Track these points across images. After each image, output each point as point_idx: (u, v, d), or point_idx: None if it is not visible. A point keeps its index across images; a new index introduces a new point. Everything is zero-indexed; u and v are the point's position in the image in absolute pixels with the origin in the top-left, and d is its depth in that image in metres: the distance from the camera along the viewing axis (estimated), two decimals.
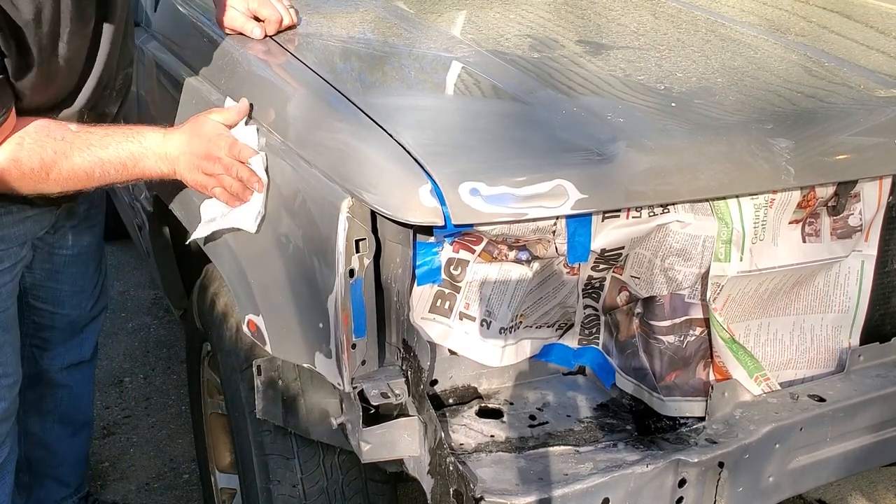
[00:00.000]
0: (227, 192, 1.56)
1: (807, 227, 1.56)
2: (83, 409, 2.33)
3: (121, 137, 1.57)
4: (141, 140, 1.58)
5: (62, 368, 2.21)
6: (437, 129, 1.50)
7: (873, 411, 1.60)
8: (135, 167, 1.57)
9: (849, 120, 1.59)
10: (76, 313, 2.16)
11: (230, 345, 1.81)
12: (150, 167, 1.58)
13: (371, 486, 1.77)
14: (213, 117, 1.59)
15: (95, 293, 2.19)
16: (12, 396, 1.89)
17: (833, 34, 2.13)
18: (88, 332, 2.24)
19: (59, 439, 2.27)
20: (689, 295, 1.51)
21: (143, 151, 1.57)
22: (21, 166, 1.52)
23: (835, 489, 2.56)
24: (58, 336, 2.16)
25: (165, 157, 1.58)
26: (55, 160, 1.53)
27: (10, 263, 1.78)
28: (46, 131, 1.55)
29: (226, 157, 1.54)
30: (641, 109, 1.56)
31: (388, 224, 1.36)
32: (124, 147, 1.56)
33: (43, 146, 1.53)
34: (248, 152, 1.55)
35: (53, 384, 2.21)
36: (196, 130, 1.58)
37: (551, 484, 1.35)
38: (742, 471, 1.47)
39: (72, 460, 2.34)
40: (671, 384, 1.52)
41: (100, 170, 1.55)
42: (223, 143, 1.55)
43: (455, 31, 1.98)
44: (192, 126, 1.59)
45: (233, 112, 1.60)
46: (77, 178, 1.56)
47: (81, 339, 2.22)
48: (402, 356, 1.44)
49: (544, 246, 1.41)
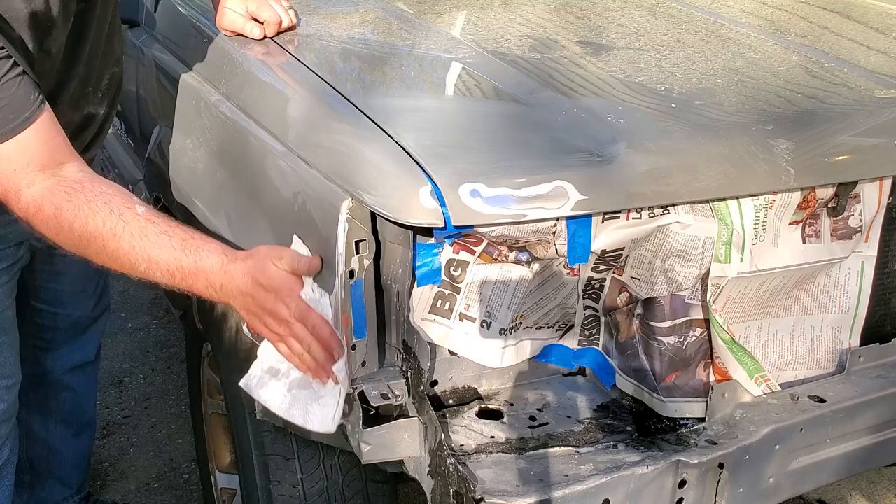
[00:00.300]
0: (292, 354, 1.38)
1: (807, 228, 1.56)
2: (86, 411, 2.33)
3: (178, 244, 1.37)
4: (197, 259, 1.37)
5: (67, 370, 2.21)
6: (437, 130, 1.50)
7: (873, 412, 1.60)
8: (182, 281, 1.38)
9: (849, 121, 1.59)
10: (78, 314, 2.16)
11: (230, 345, 1.81)
12: (200, 289, 1.39)
13: (371, 487, 1.77)
14: (281, 265, 1.37)
15: (97, 293, 2.19)
16: (12, 398, 1.89)
17: (833, 35, 2.13)
18: (92, 332, 2.24)
19: (61, 440, 2.27)
20: (689, 296, 1.51)
21: (196, 273, 1.37)
22: (59, 220, 1.37)
23: (835, 489, 2.56)
24: (61, 336, 2.16)
25: (219, 290, 1.37)
26: (101, 233, 1.36)
27: (6, 264, 1.78)
28: (107, 198, 1.38)
29: (296, 326, 1.35)
30: (642, 110, 1.56)
31: (389, 225, 1.36)
32: (177, 258, 1.37)
33: (94, 212, 1.36)
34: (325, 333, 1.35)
35: (58, 386, 2.21)
36: (261, 276, 1.36)
37: (551, 485, 1.35)
38: (742, 472, 1.47)
39: (74, 461, 2.34)
40: (671, 385, 1.52)
41: (146, 266, 1.37)
42: (293, 304, 1.35)
43: (455, 32, 1.98)
44: (256, 268, 1.36)
45: (304, 265, 1.38)
46: (119, 262, 1.39)
47: (85, 340, 2.22)
48: (403, 357, 1.44)
49: (544, 247, 1.41)
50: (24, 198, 1.38)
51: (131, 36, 2.31)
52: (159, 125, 2.11)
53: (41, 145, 1.39)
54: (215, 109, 1.76)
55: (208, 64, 1.88)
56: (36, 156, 1.39)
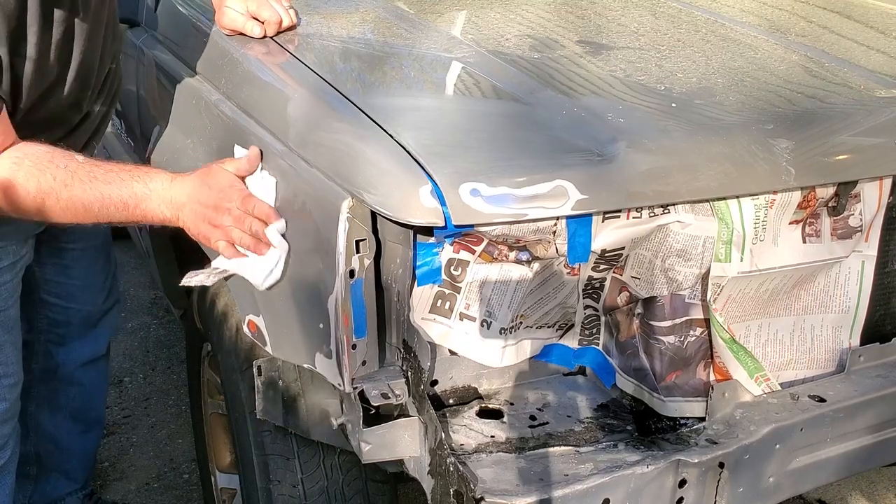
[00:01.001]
0: (232, 248, 1.51)
1: (807, 227, 1.56)
2: (95, 408, 2.34)
3: (126, 175, 1.51)
4: (147, 181, 1.51)
5: (79, 365, 2.22)
6: (437, 129, 1.50)
7: (873, 412, 1.60)
8: (136, 208, 1.51)
9: (849, 120, 1.59)
10: (89, 308, 2.17)
11: (230, 345, 1.81)
12: (153, 210, 1.51)
13: (371, 487, 1.77)
14: (225, 167, 1.53)
15: (106, 287, 2.21)
16: (13, 397, 1.89)
17: (833, 34, 2.13)
18: (103, 326, 2.25)
19: (69, 435, 2.27)
20: (689, 295, 1.51)
21: (147, 193, 1.50)
22: (16, 188, 1.46)
23: (835, 489, 2.56)
24: (73, 331, 2.17)
25: (170, 203, 1.51)
26: (53, 187, 1.47)
27: (9, 261, 1.78)
28: (50, 157, 1.49)
29: (236, 209, 1.48)
30: (642, 110, 1.56)
31: (389, 224, 1.36)
32: (128, 185, 1.50)
33: (43, 170, 1.47)
34: (263, 208, 1.48)
35: (68, 381, 2.22)
36: (206, 179, 1.51)
37: (551, 484, 1.35)
38: (742, 471, 1.47)
39: (80, 457, 2.34)
40: (671, 384, 1.52)
41: (99, 205, 1.49)
42: (235, 194, 1.49)
43: (455, 32, 1.98)
44: (202, 174, 1.52)
45: (244, 162, 1.53)
46: (75, 210, 1.49)
47: (97, 334, 2.24)
48: (403, 356, 1.44)
49: (545, 246, 1.41)
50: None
51: (131, 36, 2.31)
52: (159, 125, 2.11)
53: None
54: (215, 109, 1.76)
55: (208, 63, 1.88)
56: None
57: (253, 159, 1.53)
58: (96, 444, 2.40)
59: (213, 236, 1.51)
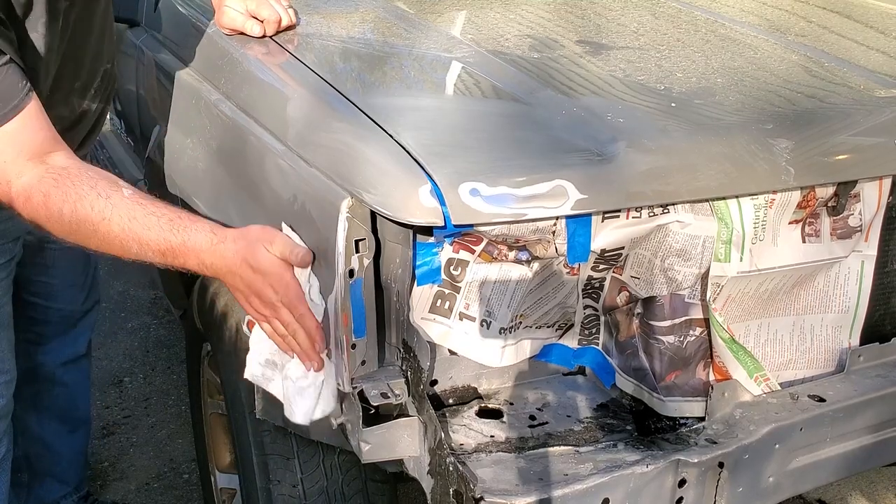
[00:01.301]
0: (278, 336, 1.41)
1: (807, 227, 1.56)
2: (81, 407, 2.33)
3: (166, 225, 1.38)
4: (185, 238, 1.38)
5: (59, 365, 2.22)
6: (436, 129, 1.50)
7: (873, 411, 1.60)
8: (174, 260, 1.40)
9: (849, 120, 1.59)
10: (69, 307, 2.17)
11: (230, 345, 1.81)
12: (191, 267, 1.40)
13: (371, 487, 1.77)
14: (273, 250, 1.38)
15: (87, 286, 2.20)
16: (8, 394, 1.89)
17: (833, 34, 2.13)
18: (82, 326, 2.24)
19: (57, 436, 2.27)
20: (688, 295, 1.51)
21: (186, 251, 1.39)
22: (49, 206, 1.37)
23: (835, 489, 2.56)
24: (52, 330, 2.17)
25: (210, 267, 1.39)
26: (90, 217, 1.37)
27: (4, 259, 1.79)
28: (93, 183, 1.38)
29: (283, 311, 1.37)
30: (641, 110, 1.56)
31: (388, 224, 1.36)
32: (166, 237, 1.38)
33: (81, 196, 1.37)
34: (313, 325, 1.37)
35: (50, 381, 2.22)
36: (251, 259, 1.37)
37: (551, 484, 1.35)
38: (742, 471, 1.47)
39: (70, 458, 2.34)
40: (671, 384, 1.52)
41: (137, 248, 1.39)
42: (282, 290, 1.36)
43: (455, 32, 1.98)
44: (247, 251, 1.37)
45: (296, 254, 1.38)
46: (110, 245, 1.39)
47: (76, 334, 2.23)
48: (402, 356, 1.44)
49: (544, 246, 1.41)
50: (14, 188, 1.39)
51: (131, 36, 2.32)
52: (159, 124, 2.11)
53: (30, 135, 1.40)
54: (215, 108, 1.77)
55: (208, 63, 1.88)
56: (25, 146, 1.39)
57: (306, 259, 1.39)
58: (85, 445, 2.40)
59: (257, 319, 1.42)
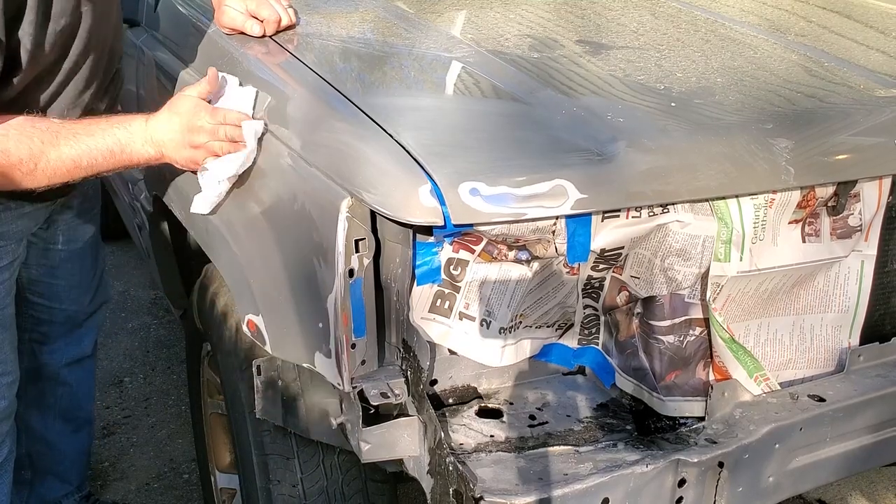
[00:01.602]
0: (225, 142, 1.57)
1: (807, 227, 1.56)
2: (84, 406, 2.33)
3: (106, 125, 1.58)
4: (126, 126, 1.58)
5: (64, 365, 2.22)
6: (436, 129, 1.50)
7: (873, 411, 1.60)
8: (122, 153, 1.58)
9: (849, 120, 1.59)
10: (74, 308, 2.16)
11: (230, 345, 1.81)
12: (138, 151, 1.59)
13: (371, 486, 1.77)
14: (188, 92, 1.60)
15: (93, 287, 2.20)
16: (11, 395, 1.89)
17: (833, 34, 2.13)
18: (88, 326, 2.24)
19: (60, 436, 2.27)
20: (688, 295, 1.51)
21: (130, 136, 1.58)
22: (9, 156, 1.51)
23: (835, 489, 2.56)
24: (56, 330, 2.16)
25: (151, 140, 1.58)
26: (42, 150, 1.52)
27: (7, 261, 1.79)
28: (31, 122, 1.54)
29: (208, 124, 1.55)
30: (641, 109, 1.56)
31: (388, 224, 1.36)
32: (110, 133, 1.57)
33: (30, 136, 1.52)
34: (233, 115, 1.57)
35: (54, 380, 2.22)
36: (174, 109, 1.59)
37: (551, 484, 1.35)
38: (742, 471, 1.47)
39: (73, 457, 2.34)
40: (671, 384, 1.52)
41: (87, 158, 1.56)
42: (202, 111, 1.57)
43: (455, 31, 1.98)
44: (170, 106, 1.60)
45: (203, 84, 1.60)
46: (65, 167, 1.55)
47: (81, 335, 2.23)
48: (402, 356, 1.44)
49: (544, 246, 1.41)
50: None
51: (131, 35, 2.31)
52: None
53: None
54: None
55: (208, 63, 1.87)
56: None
57: (212, 79, 1.61)
58: (88, 444, 2.40)
59: (198, 157, 1.58)
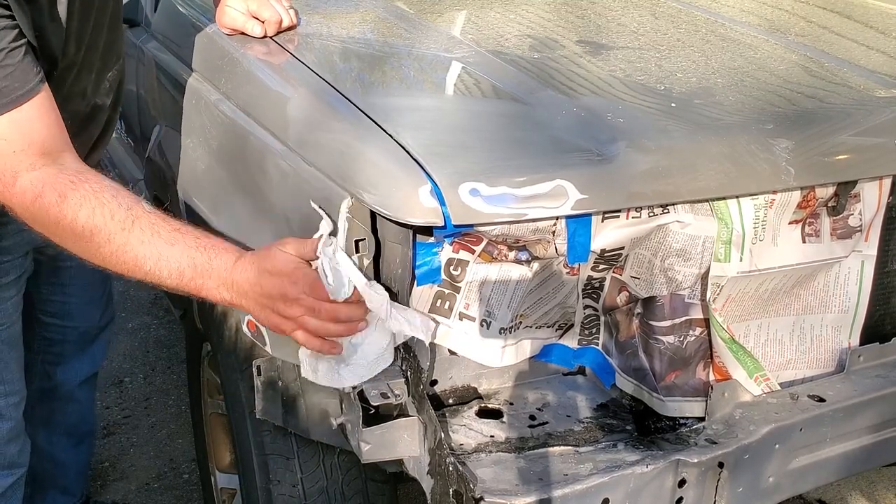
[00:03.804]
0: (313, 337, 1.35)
1: (807, 227, 1.56)
2: (89, 421, 2.33)
3: (191, 241, 1.33)
4: (211, 256, 1.33)
5: (79, 384, 2.20)
6: (436, 129, 1.50)
7: (873, 411, 1.60)
8: (192, 281, 1.33)
9: (849, 120, 1.59)
10: (87, 324, 2.14)
11: (230, 345, 1.81)
12: (211, 289, 1.34)
13: (371, 486, 1.77)
14: (287, 249, 1.34)
15: (103, 301, 2.18)
16: (18, 415, 1.85)
17: (833, 34, 2.13)
18: (100, 341, 2.22)
19: (64, 451, 2.25)
20: (688, 295, 1.51)
21: (208, 270, 1.33)
22: (64, 209, 1.30)
23: (835, 489, 2.56)
24: (70, 349, 2.14)
25: (231, 286, 1.34)
26: (108, 226, 1.30)
27: (15, 276, 1.76)
28: (115, 192, 1.32)
29: (306, 298, 1.31)
30: (641, 110, 1.56)
31: (388, 224, 1.36)
32: (190, 255, 1.32)
33: (102, 203, 1.30)
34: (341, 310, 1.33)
35: (66, 399, 2.20)
36: (266, 262, 1.33)
37: (551, 484, 1.35)
38: (742, 471, 1.47)
39: (76, 470, 2.32)
40: (671, 384, 1.52)
41: (153, 264, 1.32)
42: (301, 281, 1.31)
43: (455, 32, 1.98)
44: (262, 256, 1.34)
45: (309, 246, 1.35)
46: (125, 260, 1.32)
47: (93, 351, 2.21)
48: (402, 356, 1.44)
49: (544, 246, 1.41)
50: (20, 182, 1.30)
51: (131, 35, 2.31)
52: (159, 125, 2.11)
53: (41, 127, 1.33)
54: (215, 108, 1.77)
55: (208, 63, 1.88)
56: (36, 137, 1.32)
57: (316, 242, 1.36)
58: (90, 455, 2.39)
59: (286, 328, 1.35)
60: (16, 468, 1.88)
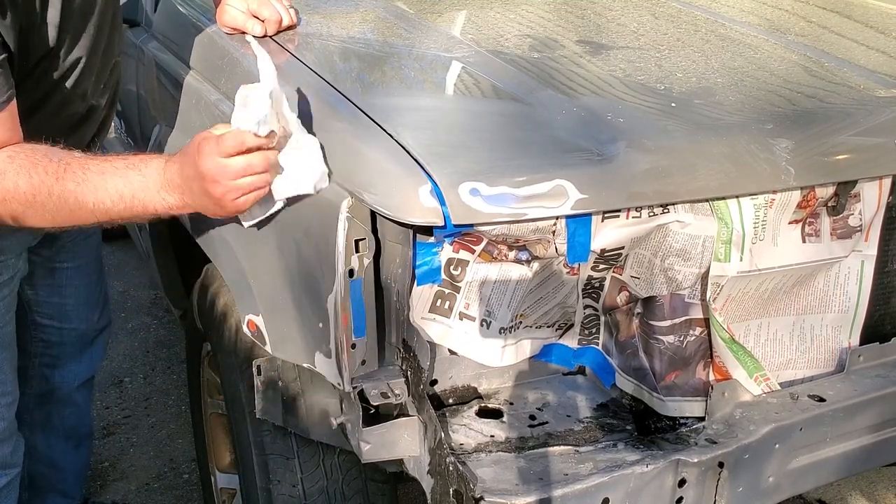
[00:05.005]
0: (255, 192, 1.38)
1: (807, 227, 1.56)
2: (86, 423, 2.32)
3: (119, 164, 1.39)
4: (140, 168, 1.39)
5: (77, 387, 2.19)
6: (436, 129, 1.50)
7: (873, 411, 1.60)
8: (133, 199, 1.38)
9: (849, 120, 1.59)
10: (84, 326, 2.14)
11: (230, 345, 1.81)
12: (155, 200, 1.39)
13: (371, 486, 1.77)
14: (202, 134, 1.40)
15: (101, 303, 2.18)
16: (10, 416, 1.85)
17: (833, 34, 2.13)
18: (98, 343, 2.22)
19: (63, 454, 2.25)
20: (688, 295, 1.51)
21: (144, 182, 1.38)
22: (5, 181, 1.37)
23: (835, 489, 2.56)
24: (68, 351, 2.14)
25: (168, 185, 1.39)
26: (45, 181, 1.36)
27: (8, 276, 1.76)
28: (45, 151, 1.39)
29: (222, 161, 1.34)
30: (641, 110, 1.56)
31: (388, 224, 1.36)
32: (122, 175, 1.38)
33: (35, 164, 1.37)
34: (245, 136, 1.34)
35: (64, 402, 2.19)
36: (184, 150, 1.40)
37: (551, 484, 1.35)
38: (742, 471, 1.47)
39: (75, 473, 2.32)
40: (671, 384, 1.52)
41: (93, 199, 1.37)
42: (207, 148, 1.34)
43: (455, 31, 1.98)
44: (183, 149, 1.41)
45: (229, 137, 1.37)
46: (68, 206, 1.38)
47: (91, 353, 2.20)
48: (402, 356, 1.44)
49: (544, 246, 1.41)
50: None
51: (131, 35, 2.31)
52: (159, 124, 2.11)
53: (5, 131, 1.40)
54: (215, 108, 1.76)
55: (208, 63, 1.88)
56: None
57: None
58: (88, 457, 2.38)
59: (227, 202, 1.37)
60: (9, 468, 1.88)
